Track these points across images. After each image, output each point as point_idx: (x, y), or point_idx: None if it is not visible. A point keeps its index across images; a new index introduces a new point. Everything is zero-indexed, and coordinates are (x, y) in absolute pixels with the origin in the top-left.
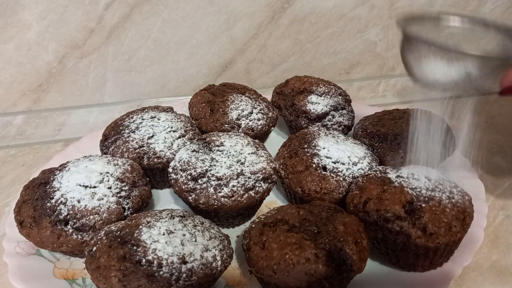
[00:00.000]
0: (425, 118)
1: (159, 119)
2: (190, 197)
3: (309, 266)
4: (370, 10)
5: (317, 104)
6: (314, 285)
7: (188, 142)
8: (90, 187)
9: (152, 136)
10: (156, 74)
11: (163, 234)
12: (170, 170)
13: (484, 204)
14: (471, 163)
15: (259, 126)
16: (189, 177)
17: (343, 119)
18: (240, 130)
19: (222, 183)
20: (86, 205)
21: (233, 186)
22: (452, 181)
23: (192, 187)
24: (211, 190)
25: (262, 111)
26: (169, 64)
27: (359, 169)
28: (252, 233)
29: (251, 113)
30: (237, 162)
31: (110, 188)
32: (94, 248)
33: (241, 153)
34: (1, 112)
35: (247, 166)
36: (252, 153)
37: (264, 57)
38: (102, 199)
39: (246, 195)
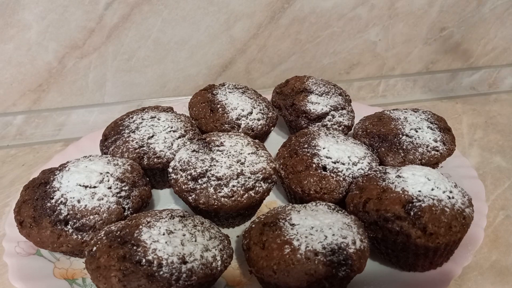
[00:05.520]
0: None
1: (159, 119)
2: (190, 197)
3: (309, 266)
4: (370, 10)
5: (317, 104)
6: (314, 285)
7: (188, 142)
8: (90, 187)
9: (152, 136)
10: (156, 74)
11: (163, 234)
12: (170, 170)
13: (484, 204)
14: None
15: (259, 126)
16: (189, 177)
17: (343, 119)
18: (240, 130)
19: (222, 183)
20: (86, 205)
21: (233, 186)
22: (452, 181)
23: (192, 187)
24: (211, 190)
25: (262, 111)
26: (169, 64)
27: (359, 169)
28: (252, 233)
29: (251, 113)
30: (237, 162)
31: (110, 188)
32: (94, 248)
33: (241, 153)
34: (1, 112)
35: (247, 166)
36: (252, 153)
37: (264, 57)
38: (102, 199)
39: (246, 195)
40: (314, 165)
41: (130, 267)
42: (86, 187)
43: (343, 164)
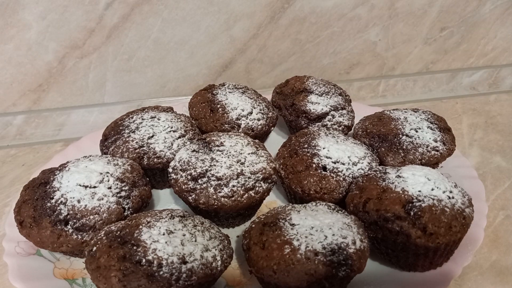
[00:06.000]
0: None
1: (159, 119)
2: (190, 197)
3: (309, 266)
4: (370, 10)
5: (317, 104)
6: (314, 285)
7: (188, 142)
8: (90, 187)
9: (152, 136)
10: (156, 74)
11: (163, 234)
12: (170, 170)
13: (484, 204)
14: None
15: (259, 126)
16: (189, 177)
17: (343, 119)
18: (240, 130)
19: (222, 183)
20: (86, 205)
21: (233, 186)
22: (452, 181)
23: (192, 187)
24: (211, 190)
25: (262, 111)
26: (169, 64)
27: (359, 169)
28: (252, 233)
29: (251, 113)
30: (237, 162)
31: (110, 188)
32: (94, 248)
33: (241, 153)
34: (1, 112)
35: (247, 166)
36: (252, 153)
37: (264, 57)
38: (102, 199)
39: (246, 195)
40: (314, 165)
41: (130, 267)
42: (86, 187)
43: (343, 164)
